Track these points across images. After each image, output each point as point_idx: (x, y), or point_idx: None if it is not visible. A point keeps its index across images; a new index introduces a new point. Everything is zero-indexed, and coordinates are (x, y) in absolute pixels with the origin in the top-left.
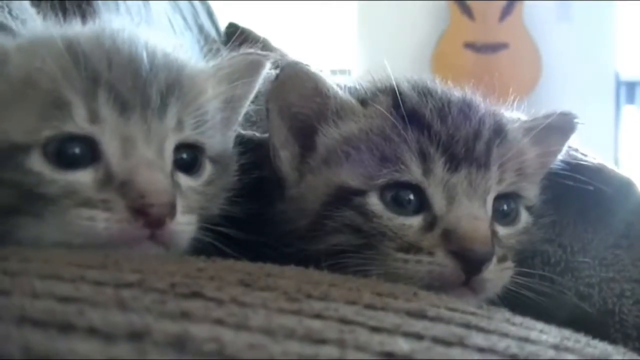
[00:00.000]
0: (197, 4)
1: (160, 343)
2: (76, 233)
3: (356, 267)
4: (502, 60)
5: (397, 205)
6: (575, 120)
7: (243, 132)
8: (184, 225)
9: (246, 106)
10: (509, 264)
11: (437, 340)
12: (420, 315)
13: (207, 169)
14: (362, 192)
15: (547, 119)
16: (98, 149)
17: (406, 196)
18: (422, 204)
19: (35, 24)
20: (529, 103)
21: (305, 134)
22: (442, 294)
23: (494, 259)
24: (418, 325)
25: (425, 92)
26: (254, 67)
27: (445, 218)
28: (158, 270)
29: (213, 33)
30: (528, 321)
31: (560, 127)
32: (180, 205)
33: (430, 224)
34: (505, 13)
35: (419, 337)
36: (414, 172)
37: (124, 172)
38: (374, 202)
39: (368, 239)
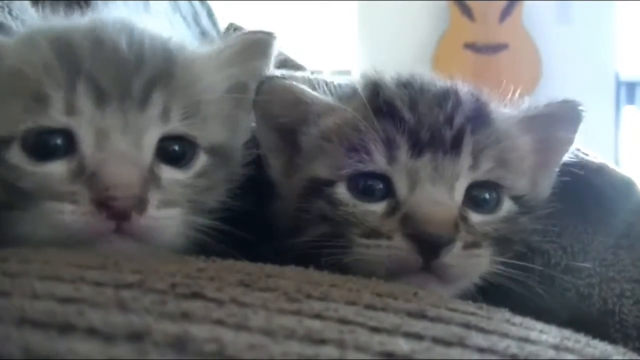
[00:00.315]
0: (197, 4)
1: (161, 343)
2: (49, 226)
3: (330, 256)
4: (502, 61)
5: (365, 193)
6: (580, 108)
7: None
8: (162, 219)
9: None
10: (483, 251)
11: (437, 341)
12: (420, 316)
13: (201, 160)
14: (331, 183)
15: (546, 108)
16: (74, 141)
17: (374, 185)
18: (390, 192)
19: (32, 20)
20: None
21: (292, 139)
22: (406, 281)
23: (458, 244)
24: (418, 326)
25: (405, 84)
26: (260, 48)
27: (406, 203)
28: (158, 271)
29: (213, 34)
30: (528, 321)
31: (563, 116)
32: (155, 199)
33: (393, 210)
34: (505, 14)
35: (419, 337)
36: (377, 161)
37: (94, 163)
38: (341, 191)
39: (336, 227)
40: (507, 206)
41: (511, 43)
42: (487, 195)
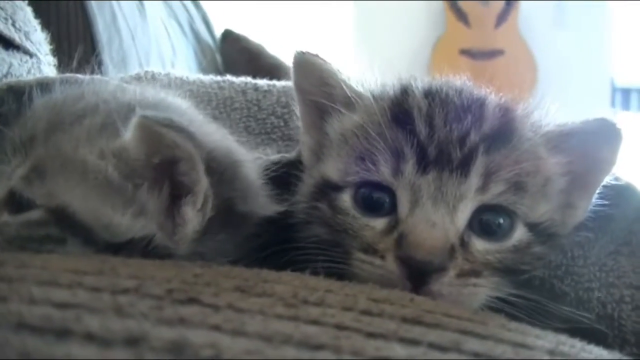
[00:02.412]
0: (192, 9)
1: (157, 349)
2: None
3: (325, 263)
4: (498, 67)
5: (369, 207)
6: (617, 127)
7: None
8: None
9: None
10: (483, 281)
11: (433, 346)
12: (416, 321)
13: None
14: (339, 188)
15: (581, 126)
16: None
17: (378, 197)
18: (394, 207)
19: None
20: None
21: (321, 124)
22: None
23: (450, 273)
24: (414, 331)
25: (431, 93)
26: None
27: (404, 222)
28: (155, 277)
29: (208, 39)
30: (523, 327)
31: (600, 135)
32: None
33: (392, 227)
34: (501, 20)
35: (415, 342)
36: (382, 172)
37: None
38: (344, 198)
39: (336, 236)
40: (520, 234)
41: (507, 49)
42: (497, 221)
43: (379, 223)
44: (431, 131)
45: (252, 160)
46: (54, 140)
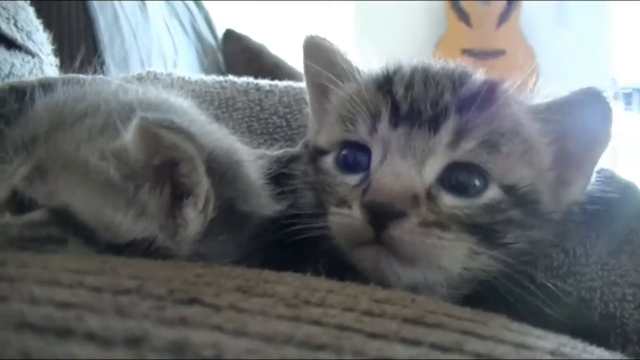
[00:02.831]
0: (194, 9)
1: (159, 349)
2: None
3: (308, 224)
4: (500, 67)
5: (347, 165)
6: (604, 97)
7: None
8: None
9: None
10: (452, 235)
11: (434, 346)
12: (418, 322)
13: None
14: (325, 152)
15: (566, 97)
16: None
17: (357, 157)
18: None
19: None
20: None
21: (323, 104)
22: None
23: (412, 220)
24: (416, 332)
25: (416, 67)
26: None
27: (373, 174)
28: (156, 277)
29: (210, 39)
30: (525, 327)
31: (587, 107)
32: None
33: (363, 181)
34: (503, 20)
35: (416, 343)
36: (360, 131)
37: None
38: (327, 160)
39: (318, 196)
40: (492, 194)
41: (508, 49)
42: (469, 179)
43: (354, 179)
44: (407, 92)
45: (254, 160)
46: (56, 140)
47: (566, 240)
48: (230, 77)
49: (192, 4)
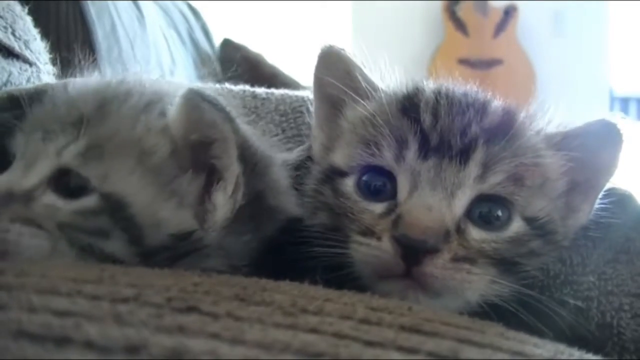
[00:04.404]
0: (191, 19)
1: (157, 357)
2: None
3: (326, 249)
4: (497, 76)
5: (369, 190)
6: (618, 129)
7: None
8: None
9: None
10: (479, 269)
11: (431, 355)
12: (415, 330)
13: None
14: (344, 174)
15: (582, 128)
16: None
17: (380, 183)
18: (395, 192)
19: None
20: None
21: (335, 118)
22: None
23: (445, 255)
24: (412, 340)
25: (439, 90)
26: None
27: (402, 205)
28: (154, 285)
29: (208, 48)
30: (522, 335)
31: (601, 137)
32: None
33: (390, 211)
34: (500, 29)
35: (413, 351)
36: (386, 157)
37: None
38: (347, 183)
39: (337, 220)
40: (517, 226)
41: (505, 58)
42: (495, 211)
43: (379, 207)
44: (434, 121)
45: (281, 161)
46: (109, 120)
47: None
48: (227, 85)
49: (189, 14)
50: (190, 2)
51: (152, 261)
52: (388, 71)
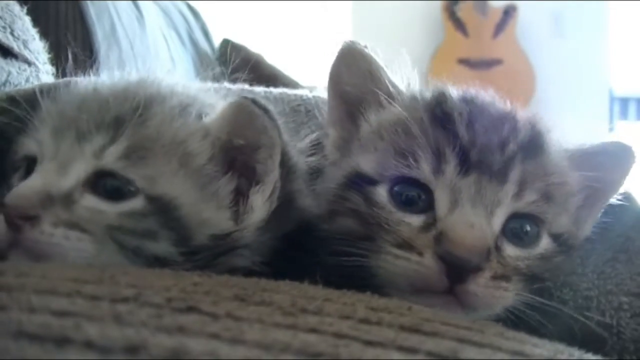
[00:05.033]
0: (191, 20)
1: (157, 357)
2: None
3: (354, 257)
4: (496, 76)
5: (404, 201)
6: (632, 151)
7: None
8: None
9: None
10: (511, 286)
11: (431, 354)
12: (415, 330)
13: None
14: (374, 182)
15: (599, 147)
16: None
17: (414, 194)
18: (429, 205)
19: None
20: None
21: (352, 118)
22: (430, 304)
23: (486, 274)
24: (412, 340)
25: (466, 99)
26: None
27: (443, 220)
28: (154, 285)
29: (207, 49)
30: (521, 335)
31: (615, 158)
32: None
33: (429, 225)
34: (499, 29)
35: (413, 351)
36: (423, 169)
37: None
38: (380, 192)
39: (368, 229)
40: (545, 243)
41: (505, 58)
42: (526, 228)
43: (416, 220)
44: (473, 136)
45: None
46: (150, 122)
47: None
48: (225, 84)
49: (189, 15)
50: (190, 2)
51: (193, 260)
52: (405, 71)
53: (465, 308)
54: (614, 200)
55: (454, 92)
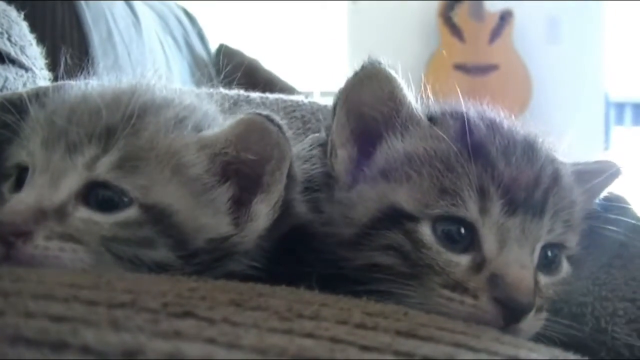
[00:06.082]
0: (187, 25)
1: None
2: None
3: (395, 294)
4: (493, 82)
5: (448, 239)
6: (620, 167)
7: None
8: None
9: None
10: (543, 314)
11: (427, 359)
12: (410, 335)
13: None
14: (415, 218)
15: (595, 165)
16: None
17: (458, 232)
18: (472, 243)
19: None
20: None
21: (366, 139)
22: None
23: (534, 310)
24: (408, 344)
25: (491, 125)
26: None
27: (494, 262)
28: (150, 290)
29: (203, 54)
30: (517, 340)
31: (607, 174)
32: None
33: (478, 265)
34: (495, 35)
35: (409, 355)
36: (470, 209)
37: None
38: (425, 231)
39: (414, 269)
40: (565, 267)
41: (501, 64)
42: (550, 255)
43: (464, 259)
44: (511, 171)
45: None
46: (143, 132)
47: None
48: (221, 89)
49: (185, 20)
50: (186, 7)
51: (192, 263)
52: (414, 88)
53: None
54: (608, 206)
55: (472, 113)
